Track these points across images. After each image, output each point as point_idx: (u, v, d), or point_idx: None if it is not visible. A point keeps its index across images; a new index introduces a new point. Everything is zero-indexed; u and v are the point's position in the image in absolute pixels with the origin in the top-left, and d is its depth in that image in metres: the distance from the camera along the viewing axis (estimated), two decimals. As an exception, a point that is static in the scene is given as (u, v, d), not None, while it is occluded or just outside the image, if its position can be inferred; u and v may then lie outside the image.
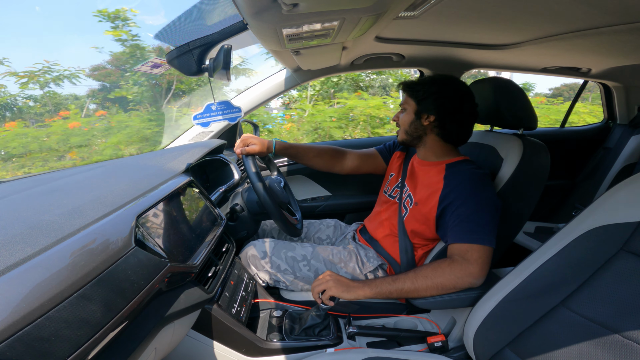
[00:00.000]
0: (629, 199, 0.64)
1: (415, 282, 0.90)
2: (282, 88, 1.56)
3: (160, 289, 0.62)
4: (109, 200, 0.65)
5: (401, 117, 1.12)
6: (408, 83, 1.12)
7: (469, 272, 0.88)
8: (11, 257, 0.44)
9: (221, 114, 1.12)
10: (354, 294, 0.90)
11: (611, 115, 2.27)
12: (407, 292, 0.90)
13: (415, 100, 1.07)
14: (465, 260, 0.89)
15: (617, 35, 1.01)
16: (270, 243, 1.14)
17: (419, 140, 1.11)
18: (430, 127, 1.07)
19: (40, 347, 0.40)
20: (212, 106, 1.10)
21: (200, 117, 1.10)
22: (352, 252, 1.14)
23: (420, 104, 1.06)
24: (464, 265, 0.89)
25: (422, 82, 1.08)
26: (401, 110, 1.13)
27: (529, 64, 1.67)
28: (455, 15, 0.96)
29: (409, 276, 0.91)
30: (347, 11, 0.63)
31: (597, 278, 0.64)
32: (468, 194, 0.94)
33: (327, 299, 0.90)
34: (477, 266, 0.89)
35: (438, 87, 1.05)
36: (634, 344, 0.55)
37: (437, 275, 0.89)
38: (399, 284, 0.90)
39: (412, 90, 1.09)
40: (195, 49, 0.84)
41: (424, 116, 1.06)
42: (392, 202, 1.16)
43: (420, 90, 1.06)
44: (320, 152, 1.27)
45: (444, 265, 0.90)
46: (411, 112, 1.08)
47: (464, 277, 0.88)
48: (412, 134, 1.10)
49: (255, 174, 0.97)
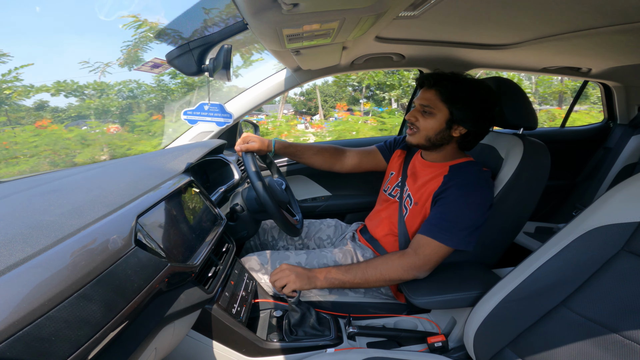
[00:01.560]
0: (630, 199, 0.64)
1: (365, 272, 0.91)
2: (282, 88, 1.56)
3: (161, 289, 0.62)
4: (109, 200, 0.65)
5: (423, 121, 0.99)
6: (439, 81, 0.96)
7: (413, 264, 0.90)
8: (11, 257, 0.44)
9: (211, 116, 1.12)
10: (313, 284, 0.91)
11: (611, 115, 2.27)
12: (358, 284, 0.91)
13: (449, 107, 0.95)
14: (415, 254, 0.91)
15: (617, 35, 1.01)
16: (264, 257, 1.14)
17: (436, 147, 1.02)
18: (456, 138, 1.00)
19: (40, 347, 0.40)
20: (204, 106, 1.11)
21: (191, 113, 1.10)
22: (347, 252, 1.13)
23: (456, 114, 0.95)
24: (412, 259, 0.90)
25: (460, 88, 0.95)
26: (420, 110, 0.99)
27: (529, 64, 1.67)
28: (455, 15, 0.96)
29: (361, 267, 0.92)
30: (347, 11, 0.63)
31: (597, 278, 0.64)
32: (461, 193, 0.94)
33: (289, 292, 0.91)
34: (424, 260, 0.90)
35: (479, 97, 0.95)
36: (634, 344, 0.55)
37: (386, 267, 0.90)
38: (350, 274, 0.91)
39: (448, 95, 0.95)
40: (195, 49, 0.84)
41: (456, 127, 0.97)
42: (392, 201, 1.16)
43: (460, 100, 0.94)
44: (319, 150, 1.26)
45: (394, 257, 0.92)
46: (442, 120, 0.96)
47: (409, 270, 0.90)
48: (435, 142, 1.00)
49: (255, 172, 0.97)
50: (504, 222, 1.06)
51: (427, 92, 0.99)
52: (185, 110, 1.09)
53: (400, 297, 1.09)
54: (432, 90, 0.98)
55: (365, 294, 1.10)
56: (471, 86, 0.97)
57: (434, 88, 0.98)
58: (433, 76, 0.99)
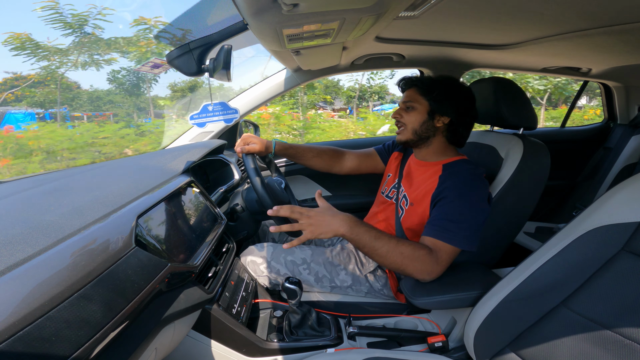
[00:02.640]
0: (630, 199, 0.64)
1: (389, 252, 0.86)
2: (282, 88, 1.56)
3: (161, 289, 0.62)
4: (109, 201, 0.65)
5: (407, 116, 1.06)
6: (417, 80, 1.07)
7: (433, 270, 0.88)
8: (12, 257, 0.44)
9: (218, 115, 1.11)
10: (332, 233, 0.84)
11: (611, 115, 2.27)
12: (377, 256, 0.87)
13: (428, 100, 1.03)
14: (437, 259, 0.89)
15: (617, 35, 1.01)
16: (269, 248, 1.13)
17: (425, 141, 1.07)
18: (441, 129, 1.05)
19: (40, 347, 0.40)
20: (208, 107, 1.10)
21: (197, 117, 1.10)
22: (350, 253, 1.13)
23: (435, 104, 1.02)
24: (434, 264, 0.88)
25: (435, 82, 1.04)
26: (404, 108, 1.07)
27: (529, 64, 1.67)
28: (455, 15, 0.96)
29: (391, 244, 0.86)
30: (347, 11, 0.63)
31: (597, 278, 0.64)
32: (459, 193, 0.94)
33: (299, 243, 0.83)
34: (441, 268, 0.89)
35: (454, 89, 1.03)
36: (635, 344, 0.55)
37: (412, 258, 0.86)
38: (378, 243, 0.86)
39: (425, 88, 1.04)
40: (196, 49, 0.84)
41: (438, 117, 1.03)
42: (389, 202, 1.16)
43: (435, 91, 1.02)
44: (319, 152, 1.27)
45: (422, 253, 0.87)
46: (423, 111, 1.04)
47: (427, 272, 0.88)
48: (422, 134, 1.06)
49: (255, 173, 0.97)
50: (504, 222, 1.06)
51: (407, 91, 1.09)
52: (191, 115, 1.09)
53: (400, 297, 1.09)
54: (411, 89, 1.07)
55: (365, 295, 1.10)
56: (445, 81, 1.06)
57: (413, 86, 1.07)
58: (410, 78, 1.10)
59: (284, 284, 0.91)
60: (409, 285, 0.93)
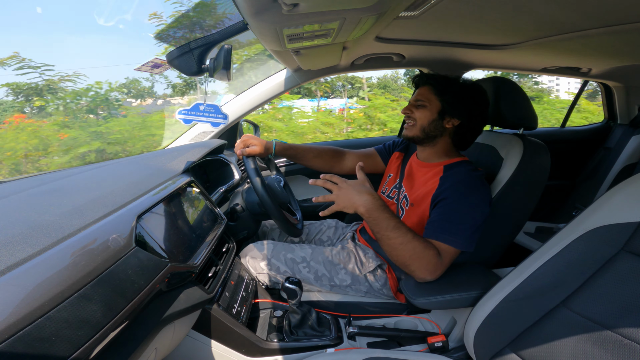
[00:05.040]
0: (630, 199, 0.64)
1: (400, 246, 0.86)
2: (282, 88, 1.56)
3: (161, 289, 0.62)
4: (109, 200, 0.65)
5: (417, 113, 1.05)
6: (431, 78, 1.05)
7: (435, 271, 0.88)
8: (12, 257, 0.44)
9: (207, 116, 1.11)
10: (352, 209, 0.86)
11: (612, 115, 2.27)
12: (388, 245, 0.87)
13: (440, 100, 1.02)
14: (441, 261, 0.89)
15: (617, 35, 1.01)
16: (269, 245, 1.13)
17: (431, 140, 1.06)
18: (449, 131, 1.04)
19: (40, 347, 0.40)
20: (200, 106, 1.10)
21: (185, 112, 1.09)
22: (350, 253, 1.13)
23: (446, 105, 1.01)
24: (438, 265, 0.89)
25: (449, 82, 1.03)
26: (415, 105, 1.06)
27: (529, 64, 1.67)
28: (455, 15, 0.96)
29: (407, 237, 0.86)
30: (348, 11, 0.63)
31: (597, 278, 0.64)
32: (459, 194, 0.94)
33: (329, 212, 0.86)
34: (443, 269, 0.90)
35: (469, 92, 1.02)
36: (635, 344, 0.55)
37: (421, 256, 0.87)
38: (393, 233, 0.85)
39: (439, 88, 1.03)
40: (196, 49, 0.84)
41: (448, 119, 1.02)
42: (390, 202, 1.16)
43: (449, 92, 1.01)
44: (319, 152, 1.27)
45: (431, 253, 0.88)
46: (434, 110, 1.03)
47: (429, 272, 0.88)
48: (429, 132, 1.04)
49: (256, 175, 0.97)
50: (504, 222, 1.06)
51: (421, 88, 1.07)
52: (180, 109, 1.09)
53: (400, 297, 1.09)
54: (425, 87, 1.05)
55: (365, 294, 1.10)
56: (462, 83, 1.04)
57: (427, 84, 1.05)
58: (426, 74, 1.08)
59: (284, 284, 0.91)
60: (409, 285, 0.93)
